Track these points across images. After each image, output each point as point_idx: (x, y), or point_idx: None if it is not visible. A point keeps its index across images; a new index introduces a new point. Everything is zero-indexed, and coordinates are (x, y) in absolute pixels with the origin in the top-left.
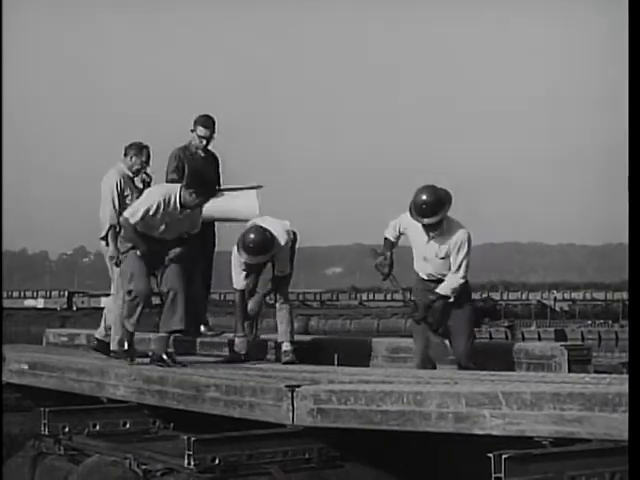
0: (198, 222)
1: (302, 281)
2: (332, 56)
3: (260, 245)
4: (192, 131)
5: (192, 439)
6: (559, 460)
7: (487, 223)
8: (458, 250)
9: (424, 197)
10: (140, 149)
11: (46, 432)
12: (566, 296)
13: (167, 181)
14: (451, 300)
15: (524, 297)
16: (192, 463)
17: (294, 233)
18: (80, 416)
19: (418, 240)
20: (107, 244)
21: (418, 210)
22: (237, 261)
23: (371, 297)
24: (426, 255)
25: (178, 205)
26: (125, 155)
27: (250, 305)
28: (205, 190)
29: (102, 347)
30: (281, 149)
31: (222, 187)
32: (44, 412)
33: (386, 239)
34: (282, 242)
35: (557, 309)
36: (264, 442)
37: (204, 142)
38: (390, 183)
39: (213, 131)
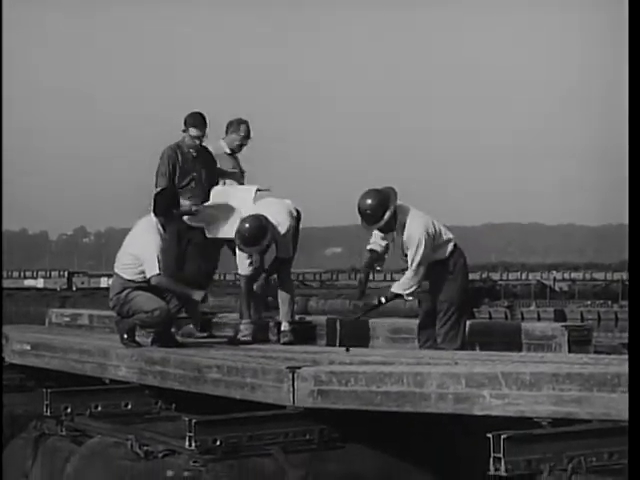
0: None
1: (301, 261)
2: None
3: (255, 234)
4: (184, 131)
5: (193, 421)
6: (558, 440)
7: (487, 203)
8: (410, 248)
9: (366, 203)
10: (239, 124)
11: (48, 413)
12: (566, 276)
13: (156, 185)
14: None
15: (524, 277)
16: (193, 444)
17: (297, 211)
18: (82, 397)
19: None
20: None
21: (364, 218)
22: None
23: (371, 277)
24: (398, 252)
25: None
26: (227, 132)
27: (254, 288)
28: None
29: None
30: (280, 134)
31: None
32: (46, 393)
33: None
34: (284, 227)
35: (557, 289)
36: (265, 423)
37: (197, 142)
38: (389, 163)
39: (205, 129)
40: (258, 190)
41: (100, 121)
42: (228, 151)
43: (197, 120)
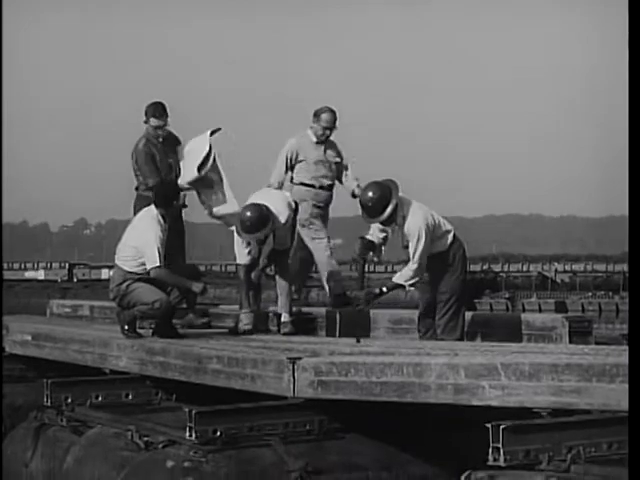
0: None
1: None
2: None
3: (256, 222)
4: (145, 122)
5: (193, 411)
6: (556, 430)
7: (488, 195)
8: (410, 241)
9: (368, 196)
10: (320, 114)
11: (49, 403)
12: (567, 268)
13: (147, 183)
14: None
15: (525, 269)
16: (193, 435)
17: (295, 203)
18: (83, 387)
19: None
20: None
21: (366, 211)
22: (240, 236)
23: (372, 269)
24: (399, 244)
25: None
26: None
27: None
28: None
29: None
30: (281, 116)
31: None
32: (47, 383)
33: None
34: (283, 218)
35: (558, 281)
36: (265, 414)
37: (159, 131)
38: (390, 155)
39: (166, 117)
40: (212, 133)
41: (101, 113)
42: (314, 139)
43: (157, 110)
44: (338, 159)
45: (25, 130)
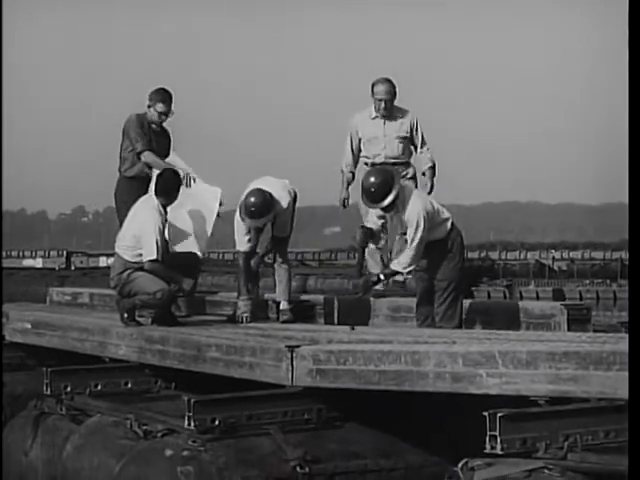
0: None
1: (301, 240)
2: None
3: (261, 208)
4: (149, 107)
5: (192, 400)
6: (554, 419)
7: (486, 182)
8: (409, 228)
9: (371, 181)
10: (374, 85)
11: (48, 392)
12: (564, 255)
13: (135, 147)
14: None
15: (522, 256)
16: (192, 424)
17: (294, 191)
18: (82, 376)
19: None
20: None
21: (368, 196)
22: (240, 223)
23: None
24: (397, 231)
25: None
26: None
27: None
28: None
29: None
30: (280, 109)
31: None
32: (46, 372)
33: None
34: (284, 204)
35: (555, 268)
36: (264, 403)
37: (164, 118)
38: None
39: (171, 105)
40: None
41: (99, 101)
42: (374, 115)
43: (164, 96)
44: (404, 134)
45: (25, 128)
